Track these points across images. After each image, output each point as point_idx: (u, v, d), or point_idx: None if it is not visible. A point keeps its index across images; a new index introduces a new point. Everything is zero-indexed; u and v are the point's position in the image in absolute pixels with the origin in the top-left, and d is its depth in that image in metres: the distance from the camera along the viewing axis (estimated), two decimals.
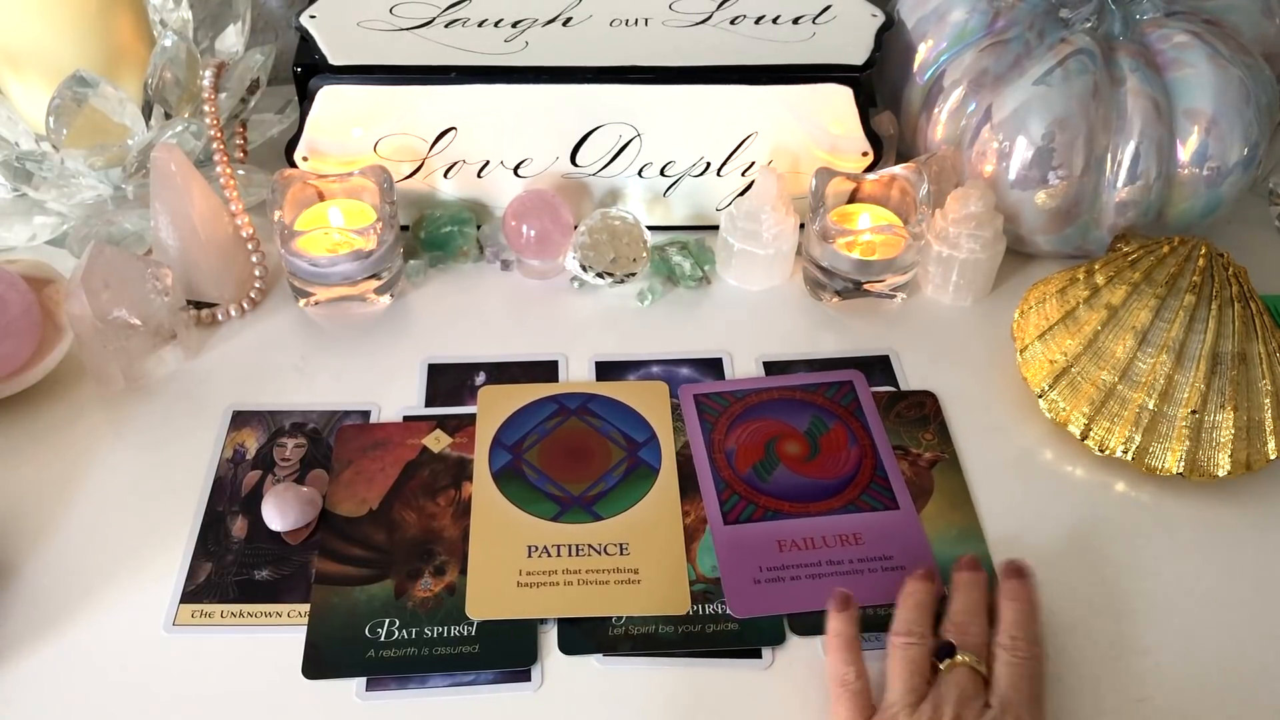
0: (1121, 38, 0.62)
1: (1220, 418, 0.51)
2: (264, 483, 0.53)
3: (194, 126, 0.62)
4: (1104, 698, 0.45)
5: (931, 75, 0.65)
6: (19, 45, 0.61)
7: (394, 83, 0.60)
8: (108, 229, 0.62)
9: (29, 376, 0.54)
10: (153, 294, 0.55)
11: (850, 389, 0.57)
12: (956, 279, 0.62)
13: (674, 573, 0.49)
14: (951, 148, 0.64)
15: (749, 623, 0.47)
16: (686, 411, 0.56)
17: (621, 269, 0.62)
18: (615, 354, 0.60)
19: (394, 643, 0.46)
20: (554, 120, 0.62)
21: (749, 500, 0.52)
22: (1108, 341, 0.53)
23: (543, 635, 0.47)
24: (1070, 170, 0.60)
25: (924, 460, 0.54)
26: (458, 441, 0.54)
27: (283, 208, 0.59)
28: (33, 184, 0.60)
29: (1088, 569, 0.50)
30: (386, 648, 0.46)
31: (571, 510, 0.51)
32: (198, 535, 0.50)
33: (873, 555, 0.50)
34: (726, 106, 0.62)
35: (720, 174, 0.65)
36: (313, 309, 0.62)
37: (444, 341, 0.60)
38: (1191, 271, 0.52)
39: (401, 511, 0.51)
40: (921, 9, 0.65)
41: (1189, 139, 0.60)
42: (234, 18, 0.69)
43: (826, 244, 0.61)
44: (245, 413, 0.56)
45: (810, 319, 0.62)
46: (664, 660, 0.46)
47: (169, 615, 0.47)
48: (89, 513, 0.51)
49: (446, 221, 0.64)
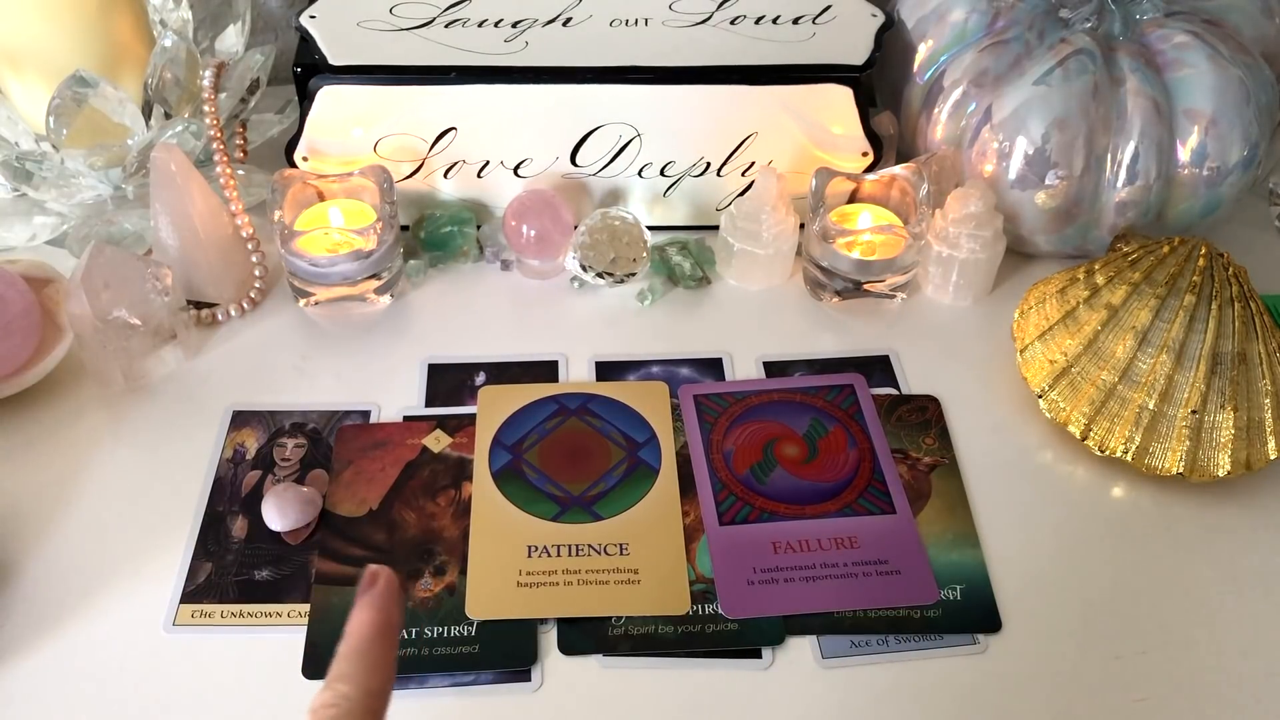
0: (1121, 38, 0.62)
1: (1220, 418, 0.51)
2: (264, 483, 0.53)
3: (194, 126, 0.62)
4: (1104, 698, 0.45)
5: (931, 75, 0.65)
6: (19, 45, 0.61)
7: (394, 83, 0.60)
8: (108, 229, 0.62)
9: (29, 376, 0.54)
10: (153, 294, 0.55)
11: (851, 392, 0.57)
12: (956, 279, 0.62)
13: (674, 573, 0.49)
14: (951, 148, 0.64)
15: (748, 623, 0.47)
16: (686, 412, 0.56)
17: (621, 269, 0.62)
18: (615, 354, 0.60)
19: None
20: (554, 120, 0.62)
21: (745, 501, 0.52)
22: (1108, 341, 0.53)
23: (543, 635, 0.47)
24: (1070, 170, 0.60)
25: (923, 464, 0.54)
26: (458, 441, 0.54)
27: (283, 208, 0.59)
28: (33, 184, 0.60)
29: (1087, 569, 0.50)
30: None
31: (571, 510, 0.51)
32: (198, 535, 0.50)
33: (868, 559, 0.50)
34: (726, 106, 0.62)
35: (720, 174, 0.65)
36: (313, 309, 0.62)
37: (444, 341, 0.60)
38: (1191, 271, 0.52)
39: (401, 511, 0.51)
40: (921, 9, 0.65)
41: (1189, 139, 0.60)
42: (234, 18, 0.69)
43: (826, 244, 0.61)
44: (245, 413, 0.56)
45: (810, 319, 0.62)
46: (664, 660, 0.46)
47: (169, 615, 0.47)
48: (89, 513, 0.51)
49: (446, 221, 0.64)
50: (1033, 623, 0.48)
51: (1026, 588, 0.49)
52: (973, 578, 0.49)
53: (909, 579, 0.49)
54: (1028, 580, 0.49)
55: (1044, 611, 0.48)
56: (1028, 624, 0.48)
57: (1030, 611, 0.48)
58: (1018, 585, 0.49)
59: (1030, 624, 0.48)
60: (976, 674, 0.46)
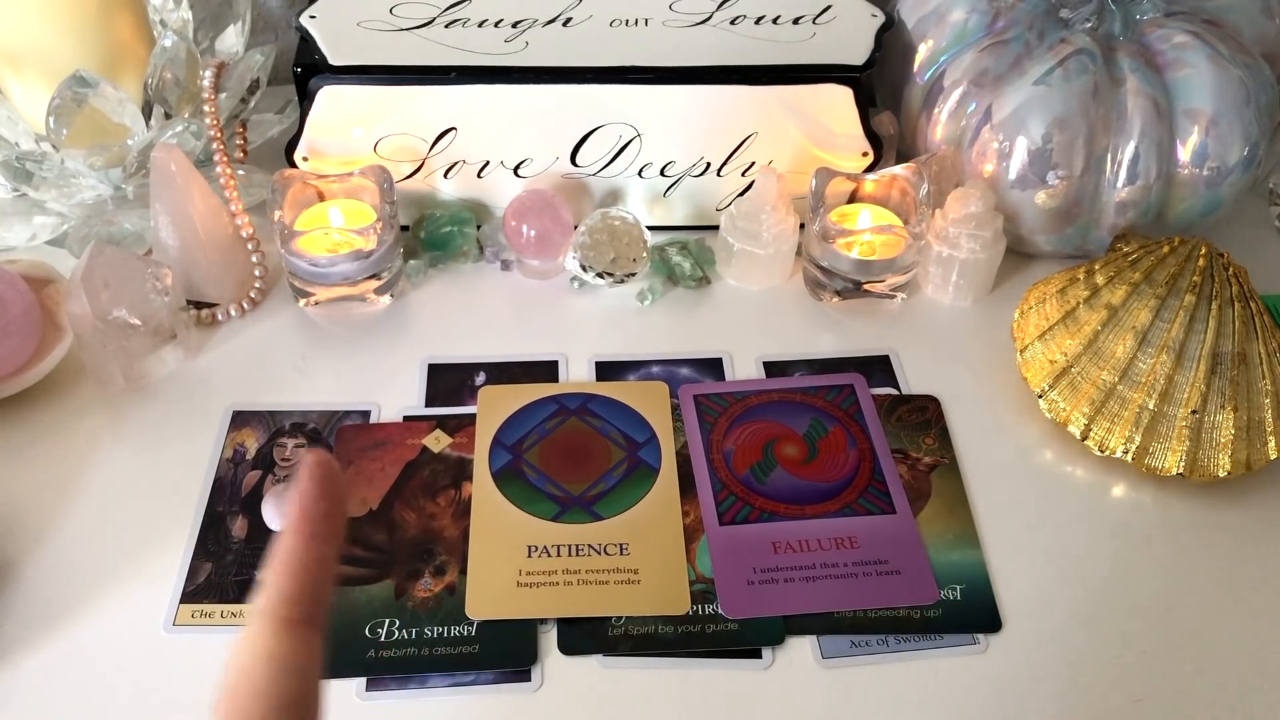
0: (1121, 38, 0.62)
1: (1220, 418, 0.51)
2: (264, 483, 0.53)
3: (194, 126, 0.62)
4: (1104, 698, 0.45)
5: (931, 75, 0.65)
6: (19, 45, 0.61)
7: (394, 83, 0.60)
8: (108, 229, 0.62)
9: (29, 376, 0.54)
10: (153, 294, 0.55)
11: (851, 392, 0.57)
12: (956, 279, 0.62)
13: (674, 573, 0.49)
14: (951, 148, 0.64)
15: (749, 623, 0.47)
16: (686, 412, 0.56)
17: (621, 269, 0.62)
18: (615, 354, 0.60)
19: (394, 643, 0.46)
20: (554, 120, 0.62)
21: (745, 501, 0.52)
22: (1108, 341, 0.53)
23: (542, 635, 0.47)
24: (1070, 170, 0.60)
25: (923, 464, 0.54)
26: (458, 441, 0.54)
27: (283, 208, 0.59)
28: (33, 184, 0.60)
29: (1087, 569, 0.50)
30: (386, 648, 0.46)
31: (571, 510, 0.51)
32: (198, 535, 0.50)
33: (868, 559, 0.50)
34: (726, 106, 0.62)
35: (720, 174, 0.65)
36: (313, 309, 0.62)
37: (444, 341, 0.60)
38: (1191, 271, 0.52)
39: (401, 511, 0.51)
40: (921, 9, 0.65)
41: (1189, 139, 0.60)
42: (234, 18, 0.69)
43: (826, 244, 0.61)
44: (245, 413, 0.56)
45: (810, 319, 0.62)
46: (664, 660, 0.46)
47: (169, 615, 0.47)
48: (89, 513, 0.51)
49: (446, 221, 0.64)
50: (1033, 623, 0.48)
51: (1026, 588, 0.49)
52: (973, 578, 0.49)
53: (909, 579, 0.49)
54: (1028, 580, 0.49)
55: (1044, 611, 0.48)
56: (1028, 624, 0.48)
57: (1030, 611, 0.48)
58: (1018, 585, 0.49)
59: (1030, 624, 0.48)
60: (976, 674, 0.46)
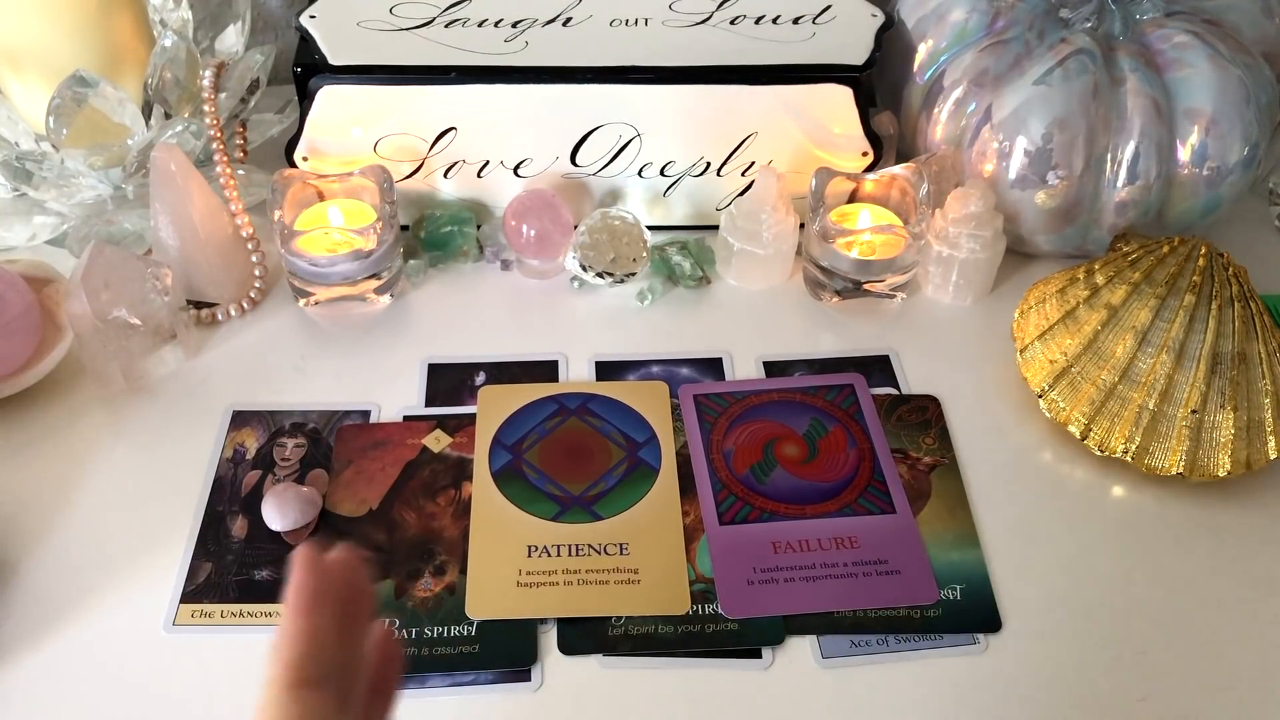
0: (1121, 38, 0.62)
1: (1220, 418, 0.51)
2: (264, 483, 0.53)
3: (194, 126, 0.62)
4: (1104, 698, 0.45)
5: (931, 75, 0.65)
6: (19, 45, 0.61)
7: (394, 83, 0.60)
8: (108, 229, 0.62)
9: (29, 376, 0.54)
10: (153, 294, 0.55)
11: (851, 392, 0.57)
12: (956, 279, 0.62)
13: (673, 573, 0.49)
14: (951, 148, 0.64)
15: (749, 623, 0.47)
16: (686, 412, 0.56)
17: (621, 269, 0.62)
18: (615, 354, 0.60)
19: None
20: (554, 120, 0.62)
21: (745, 501, 0.52)
22: (1108, 341, 0.53)
23: (542, 635, 0.47)
24: (1070, 170, 0.60)
25: (923, 464, 0.54)
26: (458, 441, 0.54)
27: (283, 208, 0.59)
28: (33, 184, 0.60)
29: (1087, 569, 0.50)
30: None
31: (571, 510, 0.51)
32: (198, 535, 0.50)
33: (868, 559, 0.50)
34: (726, 106, 0.62)
35: (720, 174, 0.65)
36: (313, 309, 0.62)
37: (444, 341, 0.60)
38: (1191, 271, 0.52)
39: (401, 511, 0.51)
40: (921, 9, 0.65)
41: (1189, 139, 0.60)
42: (234, 18, 0.69)
43: (826, 244, 0.61)
44: (245, 413, 0.56)
45: (810, 319, 0.62)
46: (664, 660, 0.46)
47: (169, 615, 0.47)
48: (89, 513, 0.51)
49: (446, 221, 0.64)
50: (1033, 623, 0.48)
51: (1026, 588, 0.49)
52: (973, 578, 0.49)
53: (909, 579, 0.49)
54: (1028, 580, 0.49)
55: (1044, 611, 0.48)
56: (1028, 624, 0.48)
57: (1030, 611, 0.48)
58: (1018, 585, 0.49)
59: (1030, 624, 0.48)
60: (976, 674, 0.46)
